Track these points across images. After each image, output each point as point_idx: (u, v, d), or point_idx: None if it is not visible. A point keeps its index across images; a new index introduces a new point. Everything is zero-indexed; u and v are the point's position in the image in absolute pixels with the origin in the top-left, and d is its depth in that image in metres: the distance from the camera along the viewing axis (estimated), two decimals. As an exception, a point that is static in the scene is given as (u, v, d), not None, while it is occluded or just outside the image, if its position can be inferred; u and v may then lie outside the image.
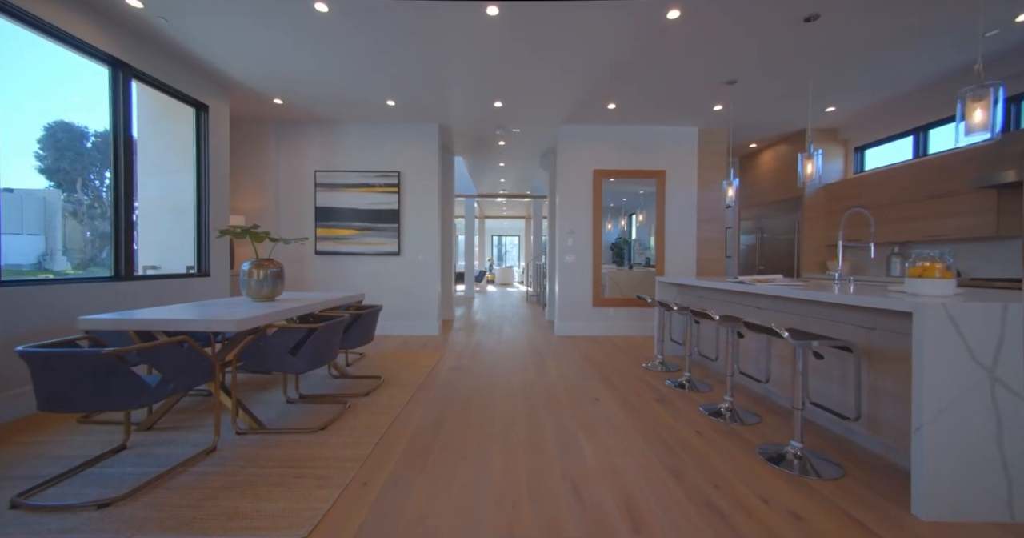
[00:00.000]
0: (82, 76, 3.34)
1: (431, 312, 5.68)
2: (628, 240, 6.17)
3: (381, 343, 5.11)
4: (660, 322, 4.04)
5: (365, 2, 3.01)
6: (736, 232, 7.18)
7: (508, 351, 4.69)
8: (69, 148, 4.47)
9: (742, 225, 7.06)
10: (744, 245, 6.98)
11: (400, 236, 5.65)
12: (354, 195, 5.59)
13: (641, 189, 5.92)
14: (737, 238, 7.15)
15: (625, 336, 5.61)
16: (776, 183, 6.26)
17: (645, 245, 6.19)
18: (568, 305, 5.69)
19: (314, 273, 5.64)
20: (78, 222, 4.47)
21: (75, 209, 4.51)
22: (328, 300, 3.18)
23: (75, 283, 3.02)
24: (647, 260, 6.14)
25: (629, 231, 6.12)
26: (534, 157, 7.48)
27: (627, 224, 6.11)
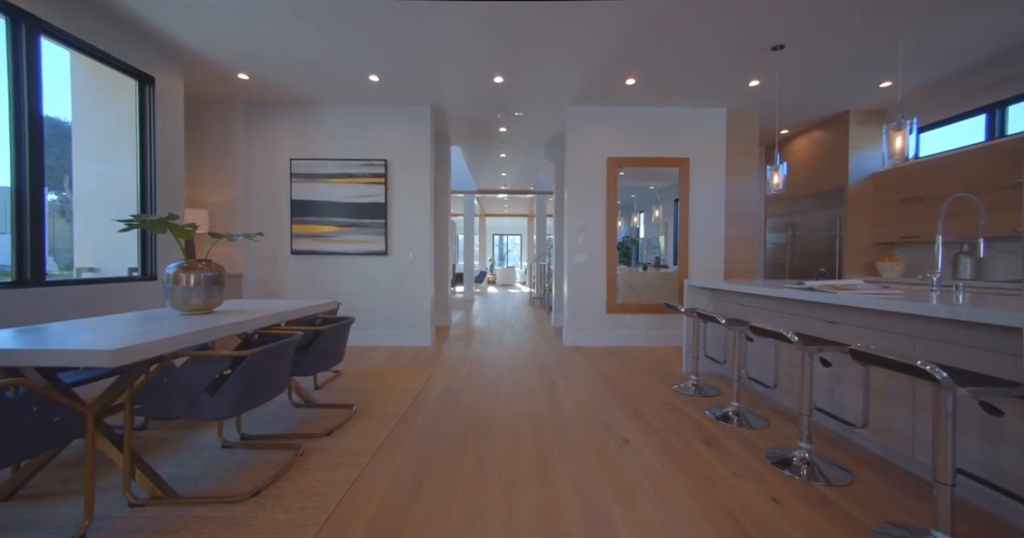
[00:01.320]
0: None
1: (423, 319, 5.01)
2: (636, 239, 5.49)
3: (364, 357, 4.43)
4: (694, 334, 3.35)
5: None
6: (762, 230, 6.48)
7: (510, 367, 4.01)
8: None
9: (768, 222, 6.36)
10: (771, 244, 6.28)
11: (387, 233, 4.97)
12: (335, 187, 4.92)
13: (652, 184, 5.23)
14: (763, 236, 6.45)
15: (644, 347, 4.93)
16: (811, 174, 5.56)
17: (654, 244, 5.51)
18: (578, 311, 5.01)
19: (290, 276, 4.97)
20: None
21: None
22: (284, 312, 2.50)
23: (-46, 291, 2.35)
24: (656, 260, 5.47)
25: (637, 229, 5.44)
26: (538, 147, 6.79)
27: (639, 221, 5.43)
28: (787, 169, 5.84)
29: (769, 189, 3.58)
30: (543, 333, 5.92)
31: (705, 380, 3.58)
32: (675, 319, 5.00)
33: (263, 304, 2.81)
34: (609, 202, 4.98)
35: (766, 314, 3.07)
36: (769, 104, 4.79)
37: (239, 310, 2.47)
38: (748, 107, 4.91)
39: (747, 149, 5.02)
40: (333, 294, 4.98)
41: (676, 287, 5.03)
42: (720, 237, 5.00)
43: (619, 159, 4.96)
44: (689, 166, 4.95)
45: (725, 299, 3.63)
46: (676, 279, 5.05)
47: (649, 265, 5.45)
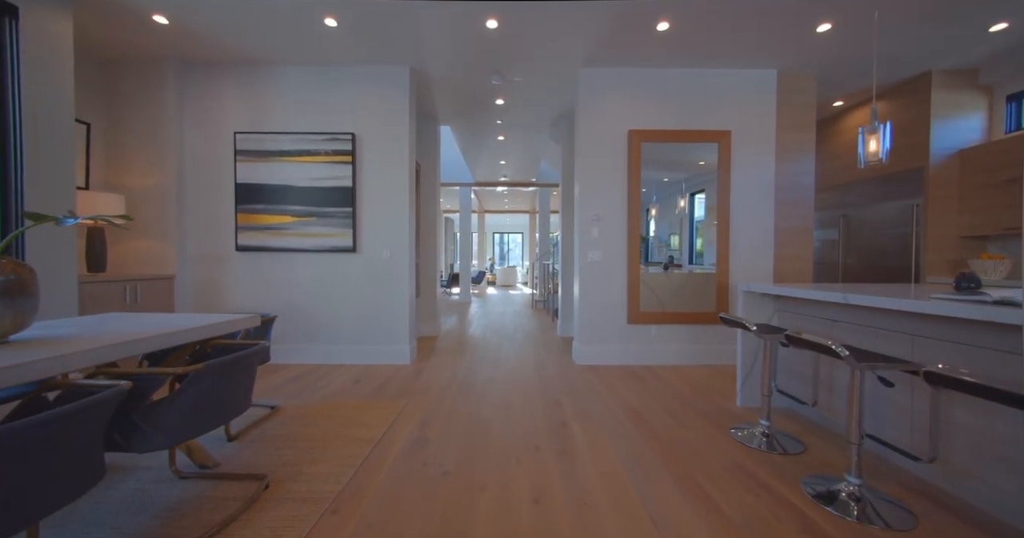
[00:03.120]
0: None
1: (400, 332, 4.05)
2: (645, 237, 4.52)
3: (320, 382, 3.48)
4: (765, 360, 2.38)
5: None
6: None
7: (507, 399, 3.05)
8: None
9: (814, 216, 5.37)
10: (818, 240, 5.31)
11: (356, 225, 4.01)
12: (290, 167, 3.96)
13: (666, 176, 4.24)
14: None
15: (674, 367, 3.96)
16: (873, 153, 4.58)
17: (664, 241, 4.55)
18: (593, 321, 4.04)
19: (235, 279, 4.01)
20: None
21: None
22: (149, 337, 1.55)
23: None
24: (670, 259, 4.50)
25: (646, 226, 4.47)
26: (542, 126, 5.82)
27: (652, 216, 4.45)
28: (828, 154, 4.86)
29: (861, 160, 2.61)
30: (548, 346, 4.95)
31: (780, 423, 2.61)
32: (711, 332, 4.04)
33: (134, 322, 1.85)
34: (631, 185, 4.01)
35: (879, 337, 2.10)
36: (831, 63, 3.81)
37: (59, 340, 1.52)
38: (804, 68, 3.94)
39: (801, 120, 4.05)
40: (288, 300, 4.02)
41: (712, 292, 4.05)
42: (769, 230, 4.03)
43: (643, 132, 3.99)
44: (730, 141, 3.98)
45: (801, 311, 2.66)
46: (707, 282, 4.07)
47: (655, 264, 4.48)
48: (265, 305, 4.01)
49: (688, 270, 4.22)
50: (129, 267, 3.81)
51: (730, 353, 4.01)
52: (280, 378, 3.55)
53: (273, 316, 2.65)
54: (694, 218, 4.26)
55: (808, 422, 2.61)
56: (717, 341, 4.03)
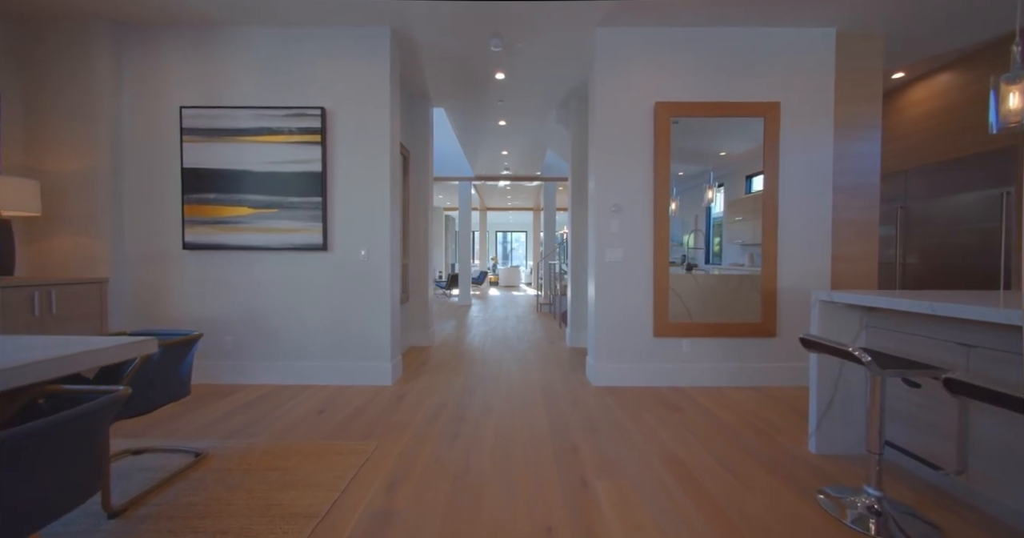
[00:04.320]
0: None
1: (380, 345, 3.37)
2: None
3: (277, 410, 2.81)
4: (874, 400, 1.68)
5: None
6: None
7: (507, 442, 2.36)
8: None
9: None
10: (868, 235, 4.57)
11: (327, 218, 3.34)
12: (248, 148, 3.30)
13: (681, 170, 3.52)
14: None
15: (712, 389, 3.26)
16: (942, 135, 3.87)
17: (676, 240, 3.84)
18: (611, 333, 3.35)
19: (182, 282, 3.35)
20: None
21: None
22: None
23: None
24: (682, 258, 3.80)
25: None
26: (549, 106, 5.13)
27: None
28: (886, 135, 4.14)
29: (995, 125, 1.90)
30: (557, 360, 4.26)
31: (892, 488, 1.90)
32: (754, 347, 3.33)
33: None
34: (657, 168, 3.32)
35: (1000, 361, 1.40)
36: (902, 21, 3.11)
37: None
38: (869, 26, 3.23)
39: (866, 90, 3.34)
40: (247, 308, 3.35)
41: (748, 297, 3.35)
42: (825, 224, 3.32)
43: (672, 105, 3.29)
44: (779, 115, 3.27)
45: (904, 329, 1.95)
46: (742, 285, 3.38)
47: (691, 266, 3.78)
48: (218, 314, 3.35)
49: (707, 271, 3.52)
50: (53, 270, 3.15)
51: (779, 373, 3.31)
52: (229, 405, 2.88)
53: (195, 334, 1.98)
54: (711, 215, 3.58)
55: (934, 489, 1.91)
56: (762, 358, 3.33)
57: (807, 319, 3.29)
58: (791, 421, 2.58)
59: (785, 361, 3.32)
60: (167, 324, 3.33)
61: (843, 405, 2.14)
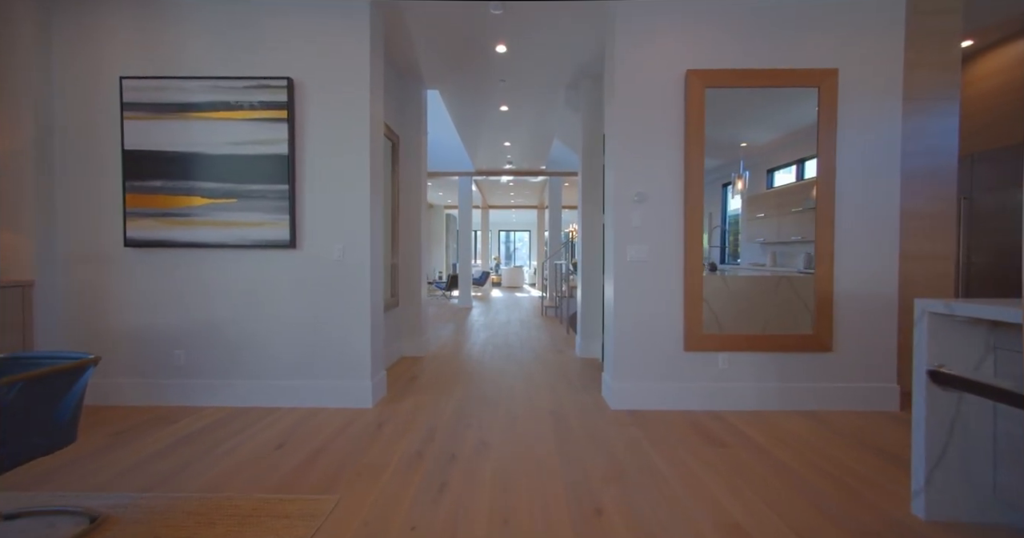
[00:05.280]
0: None
1: (358, 360, 2.84)
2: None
3: (229, 441, 2.28)
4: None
5: None
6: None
7: (508, 499, 1.82)
8: None
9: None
10: (920, 231, 4.00)
11: (295, 209, 2.82)
12: (201, 126, 2.77)
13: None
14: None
15: (756, 414, 2.71)
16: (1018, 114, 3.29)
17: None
18: (634, 346, 2.80)
19: (124, 285, 2.83)
20: None
21: None
22: None
23: None
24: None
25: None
26: (557, 86, 4.58)
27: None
28: (971, 107, 3.54)
29: None
30: (566, 375, 3.71)
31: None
32: (805, 363, 2.78)
33: None
34: (689, 149, 2.77)
35: None
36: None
37: None
38: (946, -24, 2.68)
39: (944, 55, 2.78)
40: (201, 316, 2.83)
41: (789, 301, 2.80)
42: (892, 215, 2.76)
43: (708, 73, 2.74)
44: (836, 85, 2.71)
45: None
46: (779, 287, 2.84)
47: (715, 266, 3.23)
48: (167, 323, 2.82)
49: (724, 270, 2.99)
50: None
51: (835, 395, 2.75)
52: (169, 436, 2.36)
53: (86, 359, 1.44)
54: (726, 212, 3.04)
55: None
56: (814, 376, 2.78)
57: (871, 330, 2.74)
58: (874, 466, 2.03)
59: (843, 380, 2.76)
60: (106, 336, 2.81)
61: (963, 455, 1.58)
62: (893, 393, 2.73)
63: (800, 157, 2.95)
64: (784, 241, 3.05)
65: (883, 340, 2.74)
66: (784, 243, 3.05)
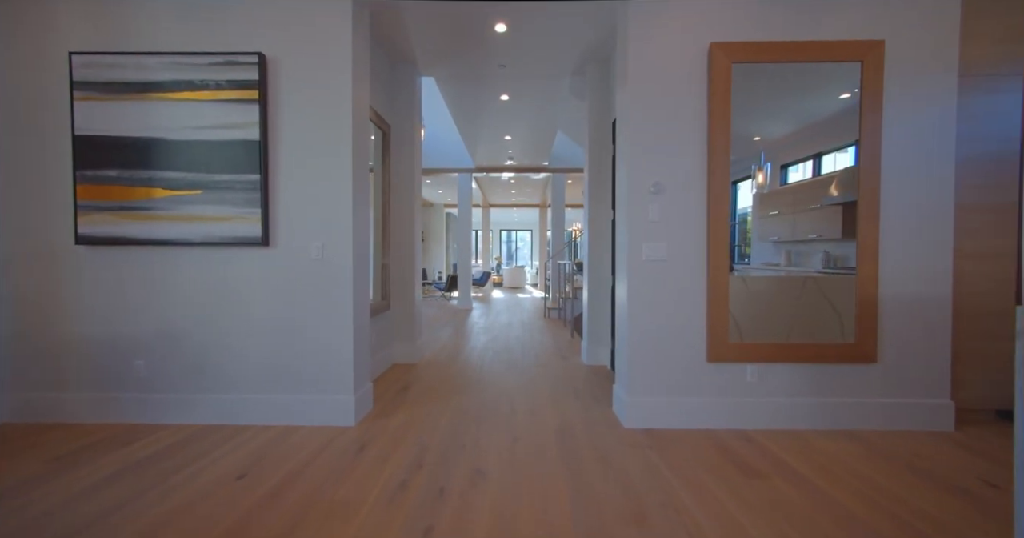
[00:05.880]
0: None
1: (339, 373, 2.52)
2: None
3: (187, 468, 1.97)
4: None
5: None
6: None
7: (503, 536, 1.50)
8: None
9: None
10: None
11: (268, 202, 2.50)
12: (162, 108, 2.46)
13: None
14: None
15: (790, 434, 2.38)
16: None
17: None
18: (650, 357, 2.48)
19: (76, 288, 2.52)
20: None
21: None
22: None
23: None
24: None
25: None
26: (561, 73, 4.25)
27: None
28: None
29: None
30: (574, 385, 3.39)
31: None
32: (843, 376, 2.45)
33: None
34: (713, 133, 2.44)
35: None
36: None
37: None
38: (1009, -66, 2.34)
39: (1004, 25, 2.44)
40: (163, 323, 2.52)
41: (819, 306, 2.48)
42: (946, 205, 2.42)
43: (735, 47, 2.42)
44: (882, 58, 2.38)
45: None
46: (806, 289, 2.52)
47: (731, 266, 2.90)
48: (125, 331, 2.51)
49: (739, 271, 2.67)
50: None
51: (881, 413, 2.42)
52: (119, 461, 2.04)
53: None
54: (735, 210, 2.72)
55: None
56: (855, 391, 2.44)
57: (921, 339, 2.41)
58: (941, 503, 1.69)
59: (888, 396, 2.43)
60: (55, 345, 2.50)
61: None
62: (947, 411, 2.40)
63: (817, 151, 2.70)
64: (800, 240, 2.78)
65: (935, 350, 2.41)
66: (800, 242, 2.78)
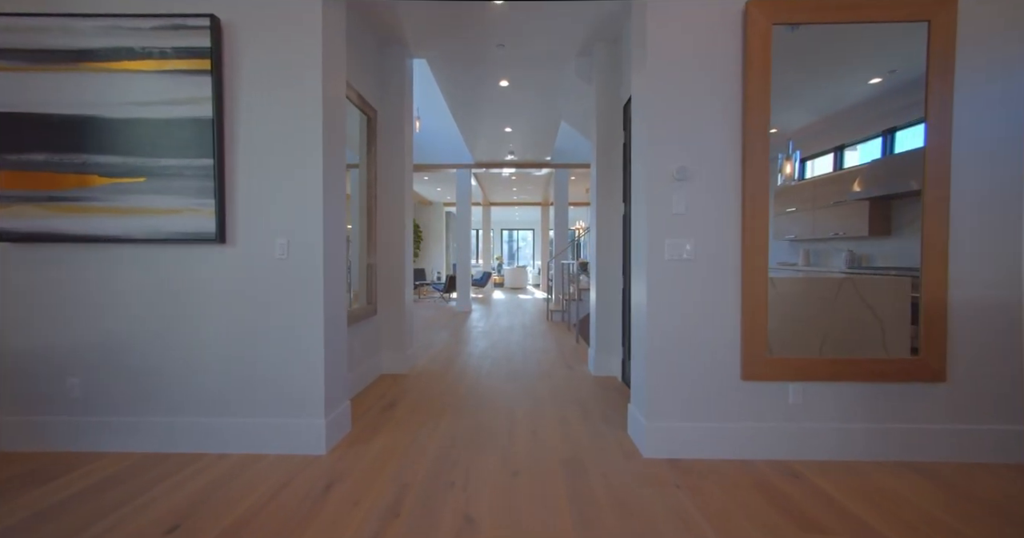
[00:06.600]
0: None
1: (308, 393, 2.14)
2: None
3: (108, 517, 1.59)
4: None
5: None
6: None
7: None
8: None
9: None
10: None
11: (225, 191, 2.12)
12: (96, 81, 2.08)
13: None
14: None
15: (843, 466, 1.99)
16: None
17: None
18: (673, 374, 2.10)
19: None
20: None
21: None
22: None
23: None
24: None
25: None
26: (566, 54, 3.87)
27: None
28: None
29: None
30: (582, 402, 3.01)
31: None
32: (905, 396, 2.06)
33: None
34: (749, 106, 2.06)
35: None
36: None
37: None
38: None
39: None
40: (100, 333, 2.15)
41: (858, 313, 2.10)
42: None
43: (775, 4, 2.03)
44: (955, 18, 1.99)
45: None
46: (841, 291, 2.14)
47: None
48: (57, 343, 2.14)
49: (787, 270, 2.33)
50: None
51: (952, 440, 2.03)
52: (31, 505, 1.67)
53: None
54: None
55: None
56: (921, 415, 2.06)
57: (999, 354, 2.02)
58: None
59: (961, 421, 2.04)
60: (-27, 359, 2.13)
61: None
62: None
63: (839, 144, 2.41)
64: (820, 238, 2.46)
65: (1019, 366, 2.02)
66: (820, 240, 2.46)
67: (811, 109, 2.33)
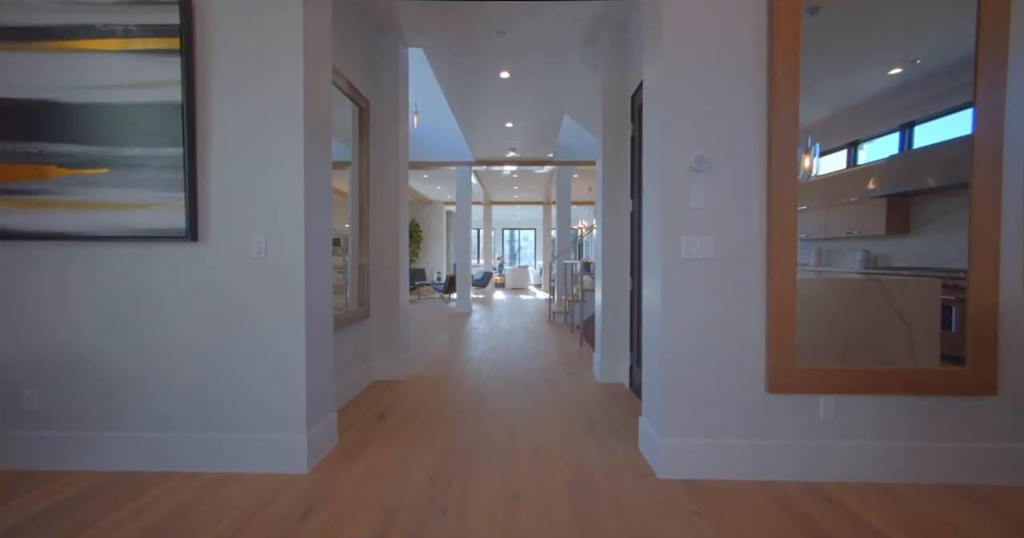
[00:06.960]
0: None
1: (289, 406, 1.95)
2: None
3: (85, 532, 1.40)
4: None
5: None
6: None
7: None
8: None
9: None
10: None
11: (196, 184, 1.93)
12: (53, 62, 1.89)
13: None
14: None
15: (882, 489, 1.78)
16: None
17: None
18: (690, 386, 1.89)
19: (-51, 294, 1.96)
20: None
21: None
22: None
23: None
24: None
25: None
26: (568, 45, 3.66)
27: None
28: None
29: None
30: (586, 413, 2.80)
31: None
32: (950, 411, 1.85)
33: None
34: (775, 92, 1.85)
35: None
36: None
37: None
38: None
39: None
40: (60, 341, 1.96)
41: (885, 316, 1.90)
42: (1088, 187, 1.82)
43: (807, -24, 1.83)
44: None
45: None
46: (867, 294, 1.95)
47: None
48: (13, 352, 1.95)
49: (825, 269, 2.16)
50: None
51: (1004, 461, 1.82)
52: (-37, 540, 1.48)
53: None
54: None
55: None
56: (968, 433, 1.85)
57: (1057, 364, 1.80)
58: None
59: (1015, 440, 1.83)
60: (-80, 368, 1.94)
61: None
62: (1092, 460, 1.80)
63: (853, 139, 2.28)
64: (832, 237, 2.29)
65: (1075, 379, 1.81)
66: (832, 239, 2.30)
67: (825, 103, 2.16)
